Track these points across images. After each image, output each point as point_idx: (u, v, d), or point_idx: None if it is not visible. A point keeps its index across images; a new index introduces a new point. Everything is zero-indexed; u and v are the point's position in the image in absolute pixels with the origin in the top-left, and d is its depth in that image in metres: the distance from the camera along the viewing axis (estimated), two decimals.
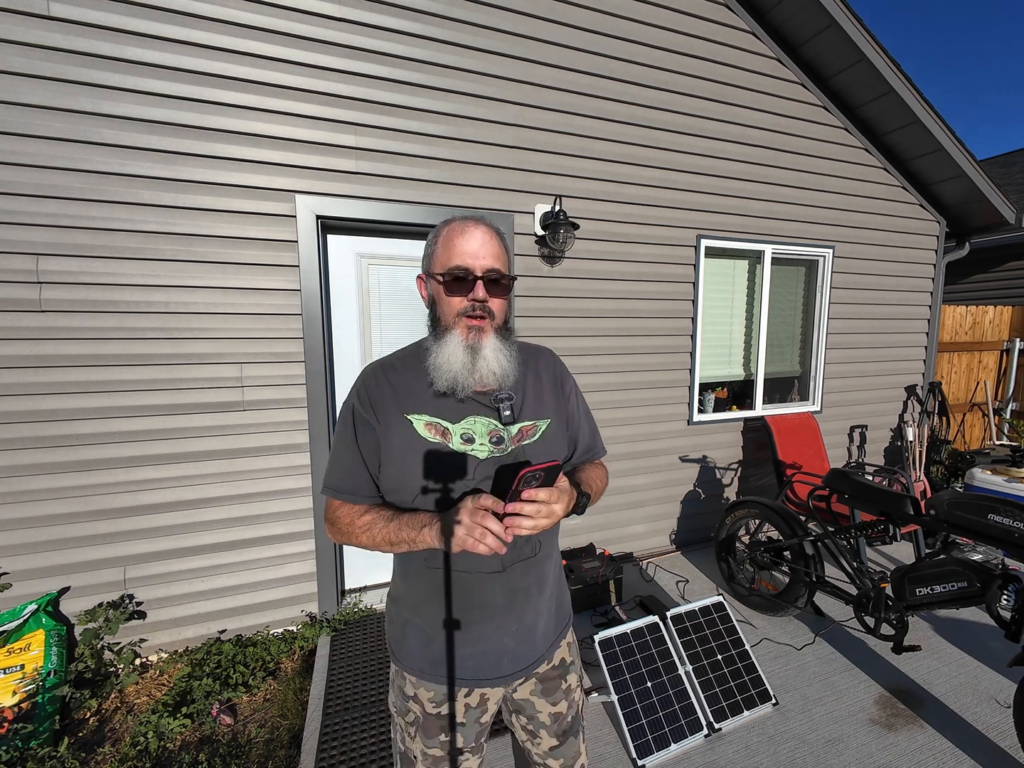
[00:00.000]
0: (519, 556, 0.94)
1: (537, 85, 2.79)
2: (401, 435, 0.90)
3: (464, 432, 0.91)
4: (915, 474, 3.93)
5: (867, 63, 3.32)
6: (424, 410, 0.92)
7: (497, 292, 0.91)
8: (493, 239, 0.92)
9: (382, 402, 0.93)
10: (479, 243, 0.89)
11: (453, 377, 0.88)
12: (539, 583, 0.99)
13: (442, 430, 0.90)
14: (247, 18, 2.24)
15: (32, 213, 2.08)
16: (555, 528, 1.02)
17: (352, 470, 0.94)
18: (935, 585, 1.94)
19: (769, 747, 1.84)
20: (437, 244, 0.92)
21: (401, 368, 0.97)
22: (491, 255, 0.90)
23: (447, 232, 0.92)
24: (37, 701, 1.97)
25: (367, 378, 0.97)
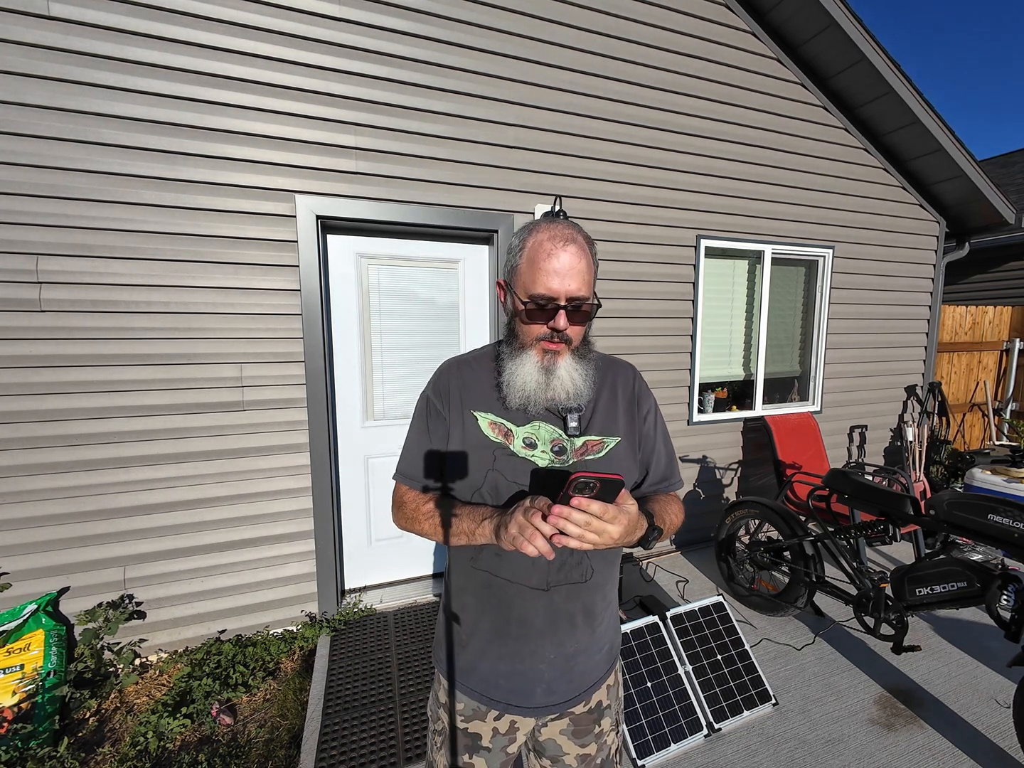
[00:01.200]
0: (566, 579, 0.89)
1: (537, 85, 2.79)
2: (465, 430, 0.90)
3: (527, 436, 0.89)
4: (915, 474, 3.93)
5: (867, 63, 3.32)
6: (491, 409, 0.91)
7: (578, 319, 0.87)
8: (582, 259, 0.85)
9: (453, 395, 0.94)
10: (567, 267, 0.83)
11: (527, 395, 0.87)
12: (586, 613, 0.92)
13: (505, 431, 0.90)
14: (247, 18, 2.24)
15: (32, 213, 2.08)
16: (612, 559, 0.96)
17: (421, 458, 0.95)
18: (935, 585, 1.95)
19: (769, 747, 1.84)
20: (521, 259, 0.87)
21: (476, 366, 0.98)
22: (577, 279, 0.84)
23: (533, 247, 0.85)
24: (37, 701, 1.97)
25: (443, 371, 0.98)
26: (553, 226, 0.87)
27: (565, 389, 0.88)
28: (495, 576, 0.89)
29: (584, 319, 0.89)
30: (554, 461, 0.89)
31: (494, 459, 0.88)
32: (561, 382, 0.87)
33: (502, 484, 0.87)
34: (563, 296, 0.83)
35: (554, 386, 0.87)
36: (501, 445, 0.88)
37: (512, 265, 0.90)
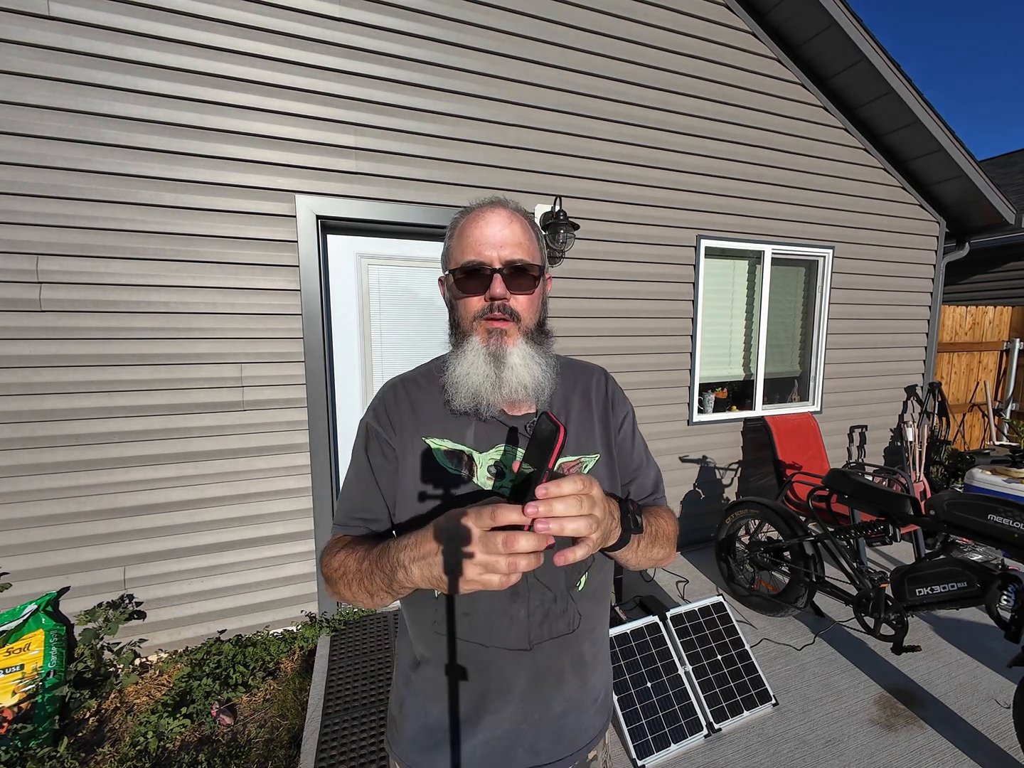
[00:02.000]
0: (550, 632, 0.76)
1: (537, 85, 2.79)
2: (417, 461, 0.76)
3: (492, 464, 0.76)
4: (915, 474, 3.93)
5: (867, 63, 3.32)
6: (447, 433, 0.77)
7: (521, 287, 0.75)
8: (515, 222, 0.75)
9: (400, 421, 0.79)
10: (497, 228, 0.74)
11: (474, 391, 0.73)
12: (576, 667, 0.79)
13: (466, 459, 0.76)
14: (247, 18, 2.24)
15: (32, 213, 2.08)
16: (600, 595, 0.83)
17: (364, 498, 0.79)
18: (935, 585, 1.94)
19: (769, 747, 1.84)
20: (452, 238, 0.78)
21: (425, 383, 0.83)
22: (512, 242, 0.74)
23: (463, 222, 0.77)
24: (37, 701, 1.97)
25: (385, 394, 0.83)
26: (483, 200, 0.79)
27: (522, 383, 0.74)
28: (466, 641, 0.73)
29: (530, 286, 0.76)
30: None
31: (452, 495, 0.74)
32: (515, 373, 0.73)
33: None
34: (496, 259, 0.73)
35: (508, 380, 0.73)
36: (462, 477, 0.75)
37: (444, 251, 0.80)
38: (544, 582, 0.75)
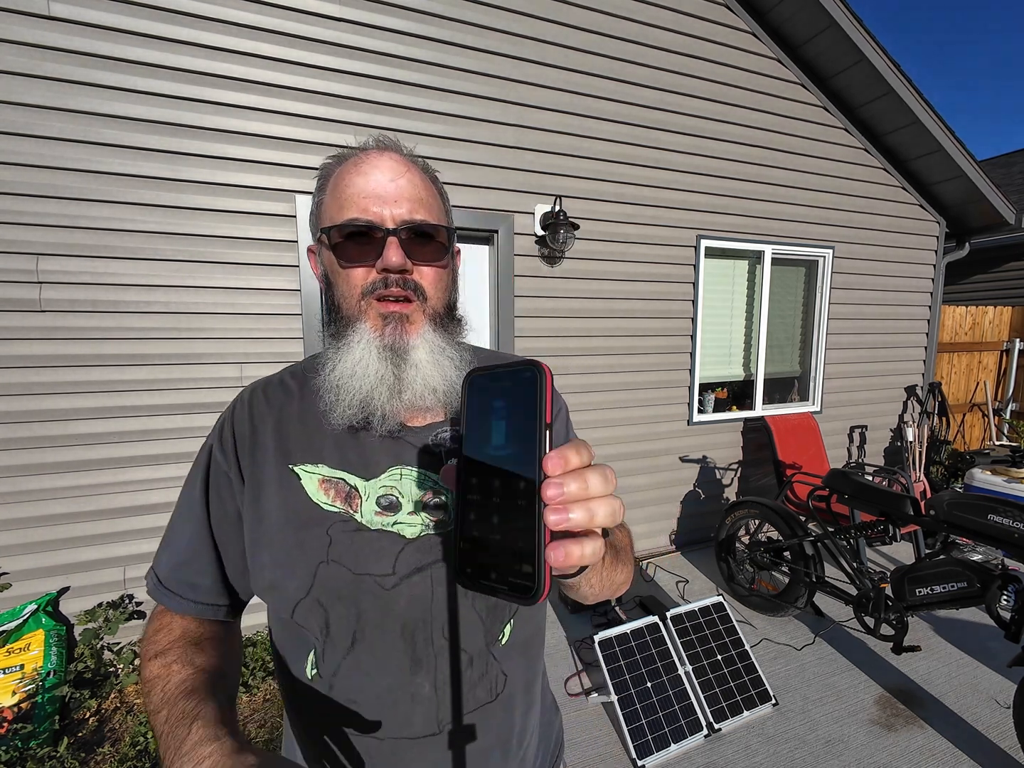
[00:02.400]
0: (470, 703, 0.58)
1: (537, 85, 2.79)
2: (279, 499, 0.56)
3: (384, 494, 0.58)
4: (915, 474, 3.93)
5: (867, 63, 3.32)
6: (321, 457, 0.58)
7: (426, 255, 0.57)
8: (411, 170, 0.58)
9: (255, 443, 0.59)
10: (388, 177, 0.56)
11: (364, 398, 0.56)
12: (504, 743, 0.61)
13: (347, 491, 0.57)
14: (247, 18, 2.24)
15: (32, 213, 2.08)
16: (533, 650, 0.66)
17: (190, 550, 0.60)
18: (935, 585, 1.94)
19: (769, 747, 1.84)
20: (325, 191, 0.59)
21: (295, 388, 0.63)
22: (410, 196, 0.56)
23: (339, 170, 0.58)
24: (37, 701, 1.97)
25: (238, 404, 0.63)
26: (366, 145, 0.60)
27: (430, 386, 0.57)
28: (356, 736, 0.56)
29: (438, 255, 0.58)
30: (429, 525, 0.57)
31: (329, 542, 0.55)
32: (421, 373, 0.56)
33: (345, 587, 0.54)
34: (390, 218, 0.56)
35: (411, 381, 0.56)
36: (341, 515, 0.56)
37: (314, 211, 0.62)
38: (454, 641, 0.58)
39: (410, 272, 0.57)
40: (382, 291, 0.56)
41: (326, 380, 0.58)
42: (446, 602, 0.57)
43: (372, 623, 0.55)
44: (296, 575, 0.55)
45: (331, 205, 0.58)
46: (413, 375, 0.56)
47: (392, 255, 0.55)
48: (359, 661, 0.55)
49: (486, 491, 0.32)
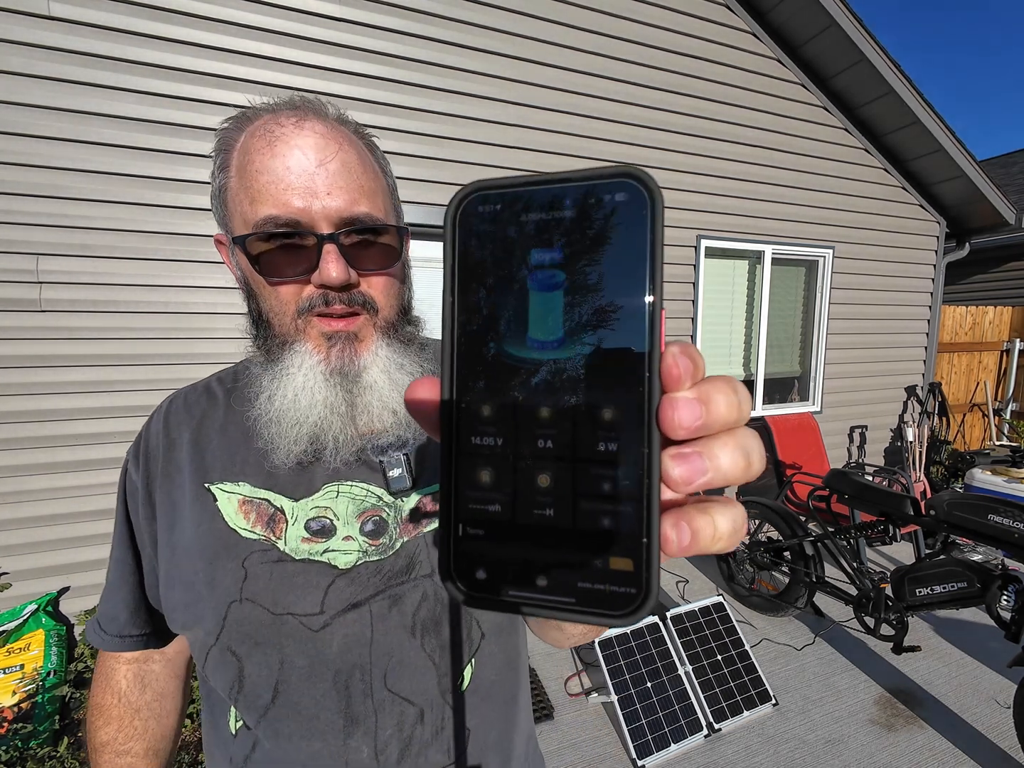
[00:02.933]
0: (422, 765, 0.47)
1: (537, 85, 2.79)
2: (193, 524, 0.49)
3: (316, 516, 0.49)
4: (915, 474, 3.93)
5: (867, 63, 3.32)
6: (244, 474, 0.50)
7: (374, 260, 0.47)
8: (343, 147, 0.45)
9: (169, 460, 0.52)
10: (312, 160, 0.44)
11: (313, 432, 0.47)
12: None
13: (270, 513, 0.49)
14: (247, 18, 2.24)
15: (32, 213, 2.08)
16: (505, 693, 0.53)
17: (115, 580, 0.55)
18: (935, 585, 1.94)
19: (769, 747, 1.84)
20: (229, 172, 0.46)
21: (221, 395, 0.56)
22: (344, 183, 0.45)
23: (244, 142, 0.45)
24: (37, 701, 1.97)
25: (153, 418, 0.56)
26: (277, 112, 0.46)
27: (389, 407, 0.49)
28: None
29: (389, 256, 0.48)
30: (368, 552, 0.49)
31: (244, 576, 0.47)
32: (377, 394, 0.48)
33: (262, 630, 0.46)
34: (323, 216, 0.44)
35: (367, 405, 0.48)
36: (261, 542, 0.48)
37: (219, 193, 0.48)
38: (397, 691, 0.47)
39: (356, 285, 0.47)
40: (322, 308, 0.46)
41: (264, 412, 0.48)
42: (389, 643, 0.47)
43: (297, 674, 0.45)
44: (205, 618, 0.46)
45: (240, 195, 0.45)
46: (368, 399, 0.48)
47: (331, 268, 0.44)
48: (279, 723, 0.46)
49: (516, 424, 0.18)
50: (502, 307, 0.18)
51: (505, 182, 0.18)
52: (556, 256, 0.17)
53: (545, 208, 0.17)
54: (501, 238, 0.18)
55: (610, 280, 0.17)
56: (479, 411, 0.18)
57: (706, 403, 0.16)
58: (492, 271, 0.18)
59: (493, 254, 0.18)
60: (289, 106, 0.46)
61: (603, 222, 0.17)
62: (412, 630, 0.47)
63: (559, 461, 0.17)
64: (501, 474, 0.18)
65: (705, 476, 0.16)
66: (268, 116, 0.45)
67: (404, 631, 0.47)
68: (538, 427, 0.17)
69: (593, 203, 0.17)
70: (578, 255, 0.17)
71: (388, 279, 0.50)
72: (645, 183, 0.17)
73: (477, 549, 0.18)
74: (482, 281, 0.18)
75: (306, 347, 0.47)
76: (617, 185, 0.17)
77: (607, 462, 0.17)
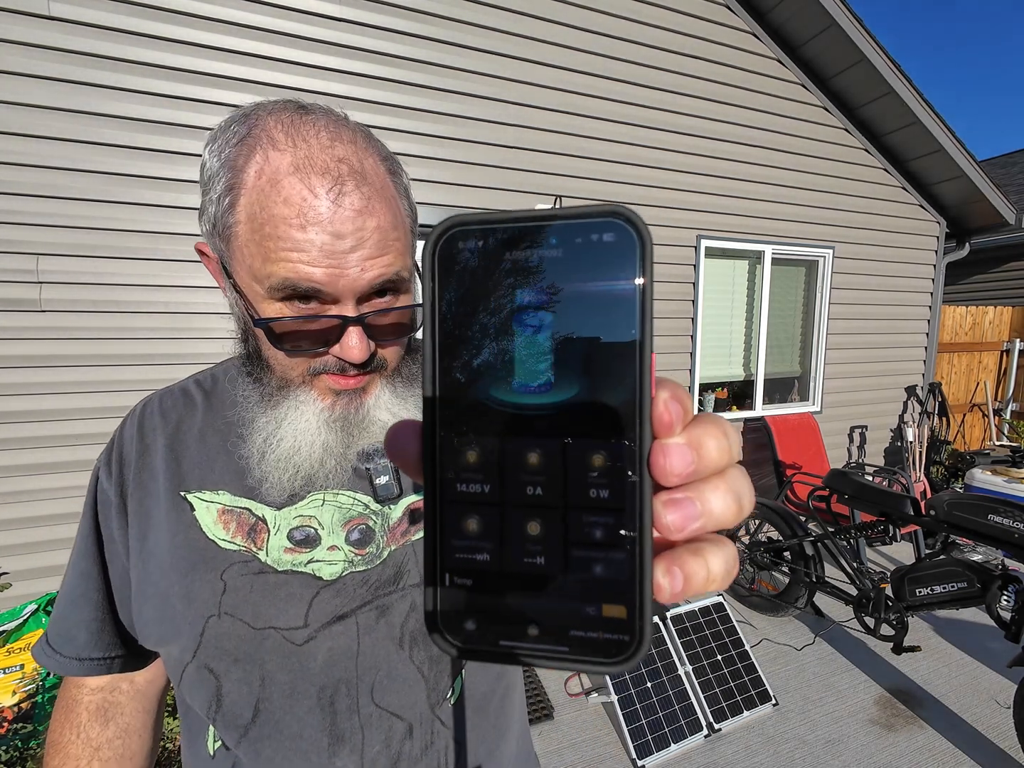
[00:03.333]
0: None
1: (537, 85, 2.79)
2: (168, 535, 0.47)
3: (300, 525, 0.48)
4: (915, 474, 3.93)
5: (867, 64, 3.32)
6: (223, 483, 0.49)
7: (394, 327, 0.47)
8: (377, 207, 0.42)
9: (142, 466, 0.50)
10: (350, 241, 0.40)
11: (309, 473, 0.47)
12: None
13: (251, 523, 0.47)
14: (247, 18, 2.24)
15: (33, 213, 2.07)
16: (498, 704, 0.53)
17: (75, 594, 0.51)
18: (935, 586, 1.94)
19: (769, 747, 1.84)
20: (237, 210, 0.43)
21: (200, 401, 0.53)
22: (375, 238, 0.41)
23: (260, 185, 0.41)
24: (37, 701, 1.97)
25: (127, 422, 0.54)
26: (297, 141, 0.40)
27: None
28: None
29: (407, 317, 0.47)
30: (354, 563, 0.48)
31: (223, 589, 0.45)
32: (379, 427, 0.48)
33: (242, 646, 0.44)
34: (349, 292, 0.41)
35: (366, 436, 0.48)
36: (241, 553, 0.46)
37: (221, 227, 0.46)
38: (385, 706, 0.45)
39: (374, 354, 0.45)
40: (335, 373, 0.45)
41: (257, 452, 0.46)
42: (376, 656, 0.45)
43: (279, 690, 0.44)
44: (181, 633, 0.44)
45: (249, 246, 0.41)
46: (370, 431, 0.47)
47: (355, 350, 0.42)
48: (260, 742, 0.43)
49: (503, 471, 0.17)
50: (486, 350, 0.17)
51: (487, 218, 0.17)
52: (542, 297, 0.17)
53: (530, 246, 0.17)
54: (483, 278, 0.17)
55: (599, 323, 0.17)
56: (464, 457, 0.17)
57: (697, 448, 0.16)
58: (474, 312, 0.17)
59: (475, 294, 0.17)
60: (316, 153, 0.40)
61: (591, 262, 0.17)
62: (400, 642, 0.46)
63: (549, 509, 0.17)
64: (489, 522, 0.17)
65: (697, 522, 0.16)
66: (289, 155, 0.40)
67: (392, 643, 0.46)
68: (526, 474, 0.17)
69: (580, 242, 0.17)
70: (565, 296, 0.17)
71: (402, 342, 0.49)
72: (634, 223, 0.17)
73: (465, 599, 0.17)
74: (464, 323, 0.17)
75: (310, 395, 0.46)
76: (605, 225, 0.17)
77: (598, 509, 0.16)
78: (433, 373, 0.17)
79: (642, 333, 0.17)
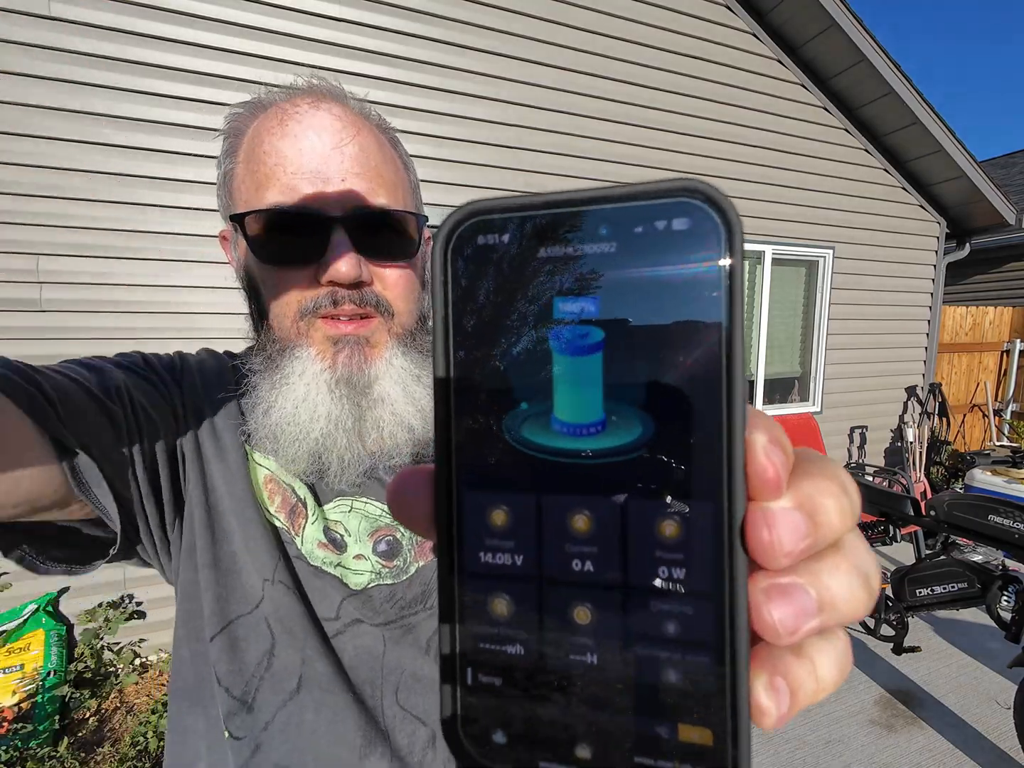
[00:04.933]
0: None
1: (537, 85, 2.79)
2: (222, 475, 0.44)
3: (331, 525, 0.46)
4: (915, 475, 3.93)
5: (867, 64, 3.32)
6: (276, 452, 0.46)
7: (390, 253, 0.43)
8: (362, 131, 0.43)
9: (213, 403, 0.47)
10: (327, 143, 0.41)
11: (315, 449, 0.43)
12: None
13: (292, 504, 0.45)
14: (247, 19, 2.24)
15: (33, 213, 2.07)
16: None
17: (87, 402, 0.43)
18: (935, 586, 1.94)
19: (769, 747, 1.84)
20: (236, 157, 0.44)
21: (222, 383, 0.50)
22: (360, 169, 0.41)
23: (256, 126, 0.44)
24: (37, 701, 1.97)
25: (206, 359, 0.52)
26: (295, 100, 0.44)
27: (404, 423, 0.44)
28: None
29: (405, 251, 0.44)
30: (382, 574, 0.45)
31: (278, 559, 0.43)
32: (390, 409, 0.43)
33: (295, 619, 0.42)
34: (334, 200, 0.40)
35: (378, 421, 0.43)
36: (284, 532, 0.44)
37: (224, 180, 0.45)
38: (409, 708, 0.43)
39: (368, 283, 0.41)
40: (329, 310, 0.41)
41: (259, 426, 0.43)
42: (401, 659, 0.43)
43: (318, 674, 0.41)
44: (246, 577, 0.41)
45: (245, 180, 0.41)
46: (379, 413, 0.43)
47: (342, 263, 0.38)
48: (303, 715, 0.40)
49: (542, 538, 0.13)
50: (516, 377, 0.13)
51: (514, 202, 0.13)
52: (590, 307, 0.12)
53: (573, 240, 0.13)
54: (512, 283, 0.13)
55: (669, 340, 0.12)
56: (490, 519, 0.13)
57: (812, 515, 0.12)
58: (500, 327, 0.13)
59: (501, 305, 0.13)
60: (305, 84, 0.44)
61: (657, 260, 0.12)
62: (426, 651, 0.44)
63: (604, 590, 0.12)
64: (523, 605, 0.13)
65: (814, 620, 0.12)
66: (282, 96, 0.44)
67: (417, 650, 0.44)
68: (572, 543, 0.13)
69: (642, 232, 0.12)
70: (622, 305, 0.12)
71: (406, 279, 0.44)
72: (716, 203, 0.12)
73: (493, 704, 0.13)
74: (487, 341, 0.13)
75: (308, 352, 0.42)
76: (676, 207, 0.12)
77: (671, 595, 0.12)
78: (447, 409, 0.13)
79: (730, 356, 0.12)
